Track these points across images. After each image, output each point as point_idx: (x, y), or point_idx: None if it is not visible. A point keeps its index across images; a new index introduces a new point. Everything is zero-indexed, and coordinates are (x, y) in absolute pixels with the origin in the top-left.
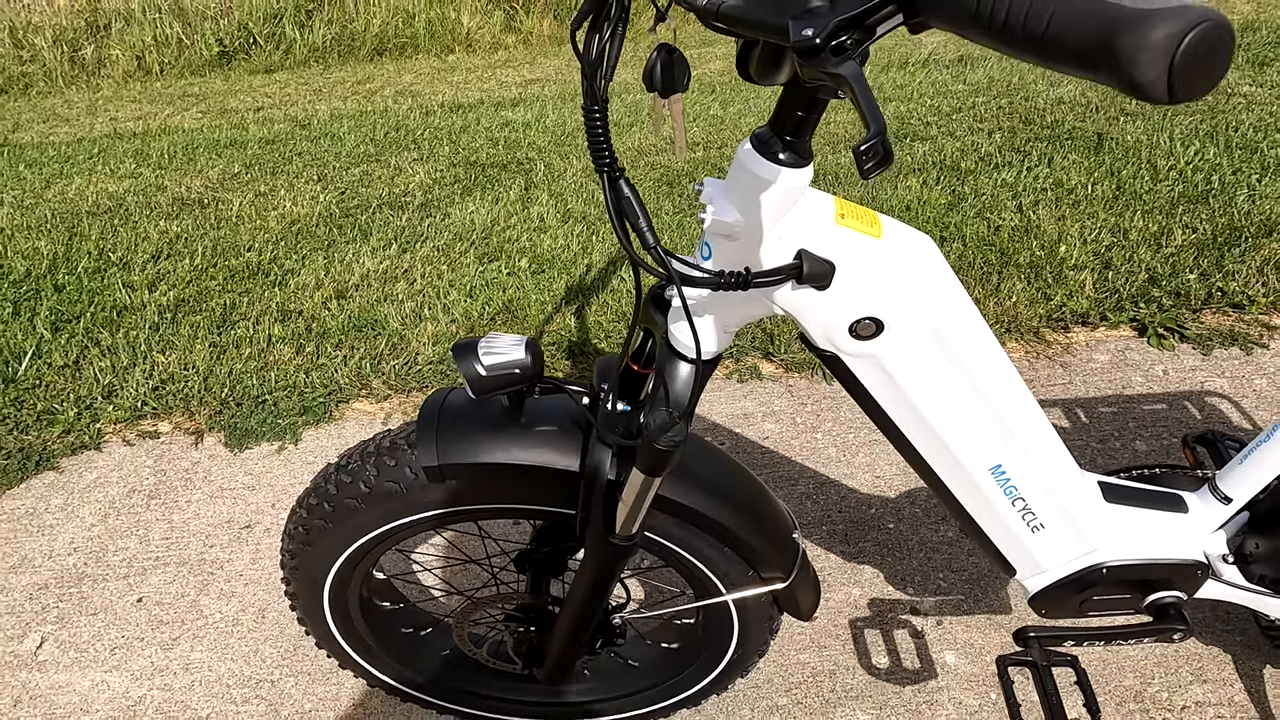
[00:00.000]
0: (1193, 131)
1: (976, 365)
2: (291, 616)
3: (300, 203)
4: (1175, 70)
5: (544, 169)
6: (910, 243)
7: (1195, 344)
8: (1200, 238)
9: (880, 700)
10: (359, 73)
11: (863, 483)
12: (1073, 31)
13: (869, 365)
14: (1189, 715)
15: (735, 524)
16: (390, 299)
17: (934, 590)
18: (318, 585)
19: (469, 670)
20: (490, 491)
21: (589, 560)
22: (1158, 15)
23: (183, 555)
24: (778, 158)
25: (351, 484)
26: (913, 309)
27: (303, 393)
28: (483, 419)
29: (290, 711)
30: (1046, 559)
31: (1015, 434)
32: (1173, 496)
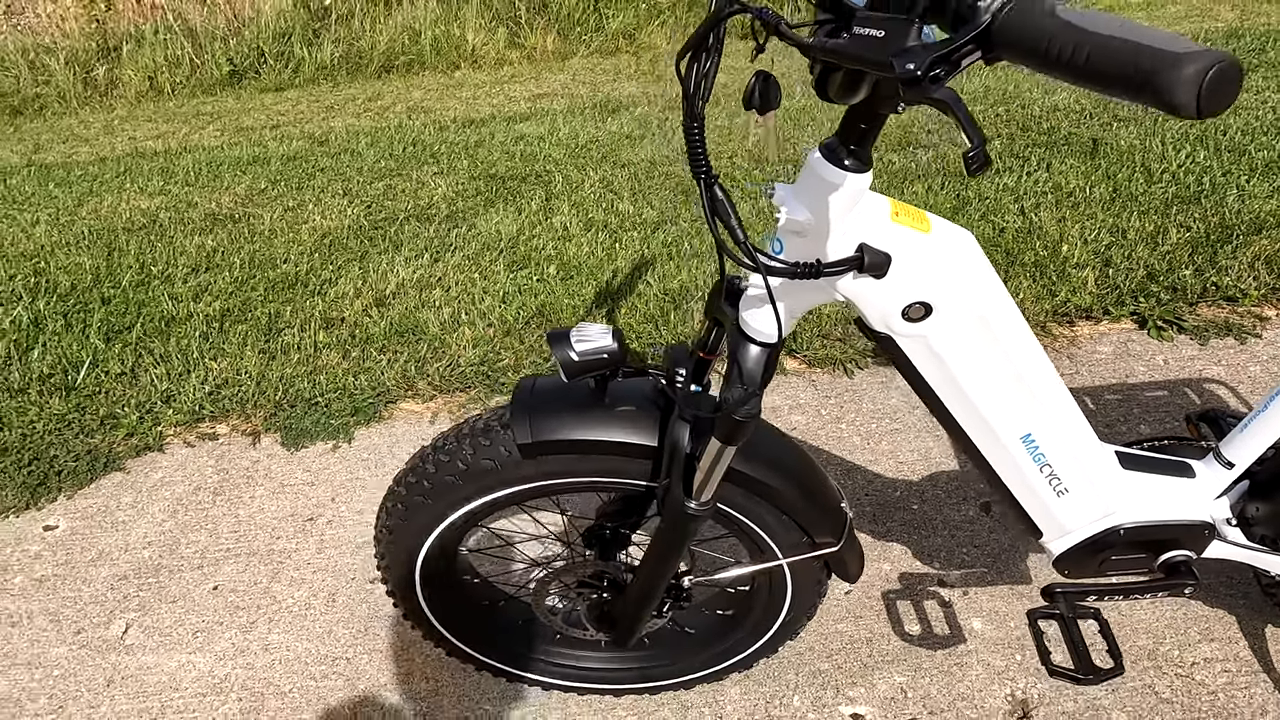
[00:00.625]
0: (1183, 136)
1: (1011, 344)
2: (361, 600)
3: (329, 216)
4: (1203, 96)
5: (562, 180)
6: (954, 237)
7: (1193, 335)
8: (1194, 236)
9: (914, 664)
10: (368, 90)
11: (887, 468)
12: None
13: (918, 345)
14: (1198, 671)
15: (793, 493)
16: (427, 305)
17: (959, 564)
18: (412, 558)
19: (539, 640)
20: (576, 466)
21: (666, 527)
22: (1187, 57)
23: (251, 547)
24: (844, 164)
25: (449, 462)
26: (957, 294)
27: (352, 394)
28: (571, 400)
29: (366, 685)
30: (1070, 521)
31: (1043, 405)
32: (1181, 464)
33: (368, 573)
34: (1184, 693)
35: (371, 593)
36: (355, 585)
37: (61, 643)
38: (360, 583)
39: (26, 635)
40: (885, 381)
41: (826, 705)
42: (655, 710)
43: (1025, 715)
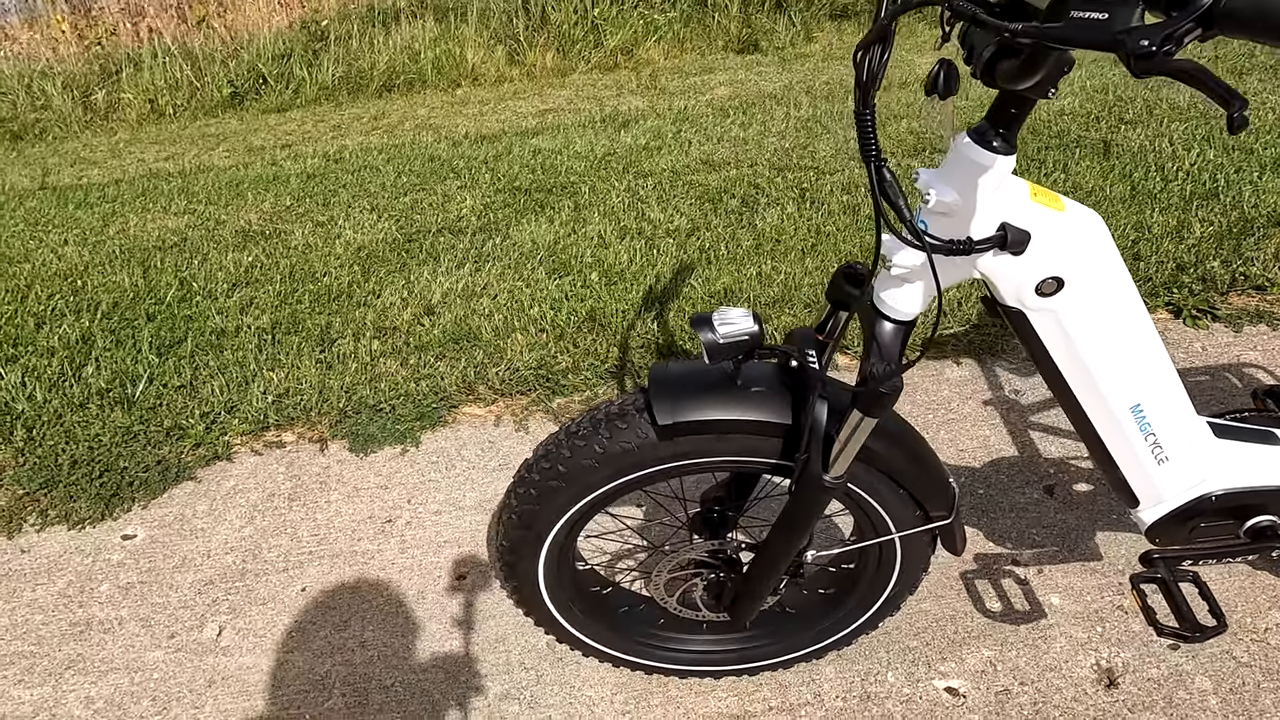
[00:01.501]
0: (1191, 136)
1: (1129, 318)
2: (450, 597)
3: (362, 231)
4: None
5: (588, 191)
6: (1086, 217)
7: (1226, 323)
8: (1217, 230)
9: (1000, 638)
10: (372, 109)
11: (949, 456)
12: None
13: (1047, 318)
14: (1271, 635)
15: (910, 466)
16: (477, 313)
17: (1029, 544)
18: (540, 542)
19: (644, 625)
20: (712, 446)
21: (798, 501)
22: None
23: (333, 549)
24: (993, 146)
25: (586, 446)
26: (1087, 270)
27: (415, 400)
28: (706, 382)
29: (467, 676)
30: (1166, 489)
31: (1152, 377)
32: (1267, 433)
33: (454, 570)
34: (1260, 656)
35: (459, 590)
36: (442, 583)
37: (156, 647)
38: (447, 580)
39: (121, 641)
40: (935, 374)
41: (920, 680)
42: (754, 691)
43: (1112, 682)
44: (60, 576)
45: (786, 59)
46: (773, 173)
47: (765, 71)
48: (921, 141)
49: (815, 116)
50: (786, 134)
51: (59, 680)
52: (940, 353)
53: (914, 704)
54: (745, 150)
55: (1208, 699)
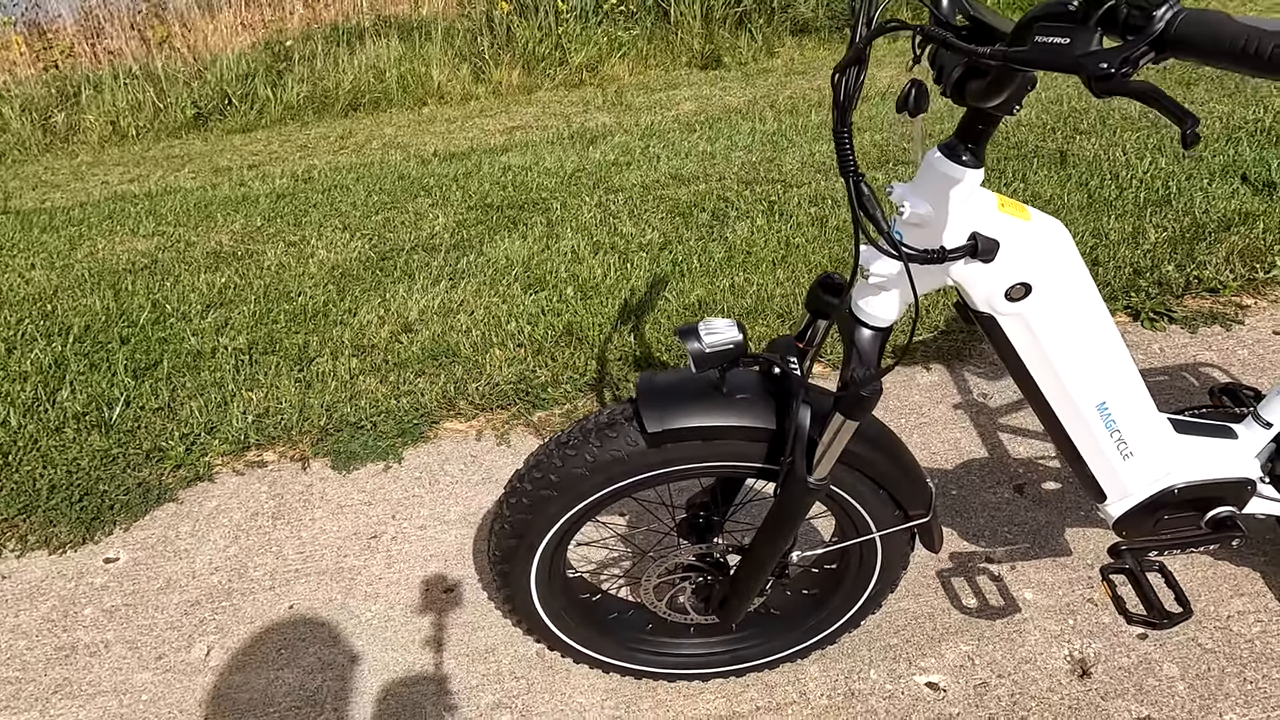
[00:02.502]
0: (1143, 145)
1: (1093, 321)
2: (439, 609)
3: (335, 249)
4: None
5: (560, 207)
6: (1051, 226)
7: (1183, 324)
8: (1171, 235)
9: (977, 633)
10: (338, 128)
11: (922, 459)
12: None
13: (1017, 322)
14: (1234, 622)
15: (888, 467)
16: (455, 330)
17: (1002, 541)
18: (532, 551)
19: (632, 630)
20: (699, 452)
21: (783, 503)
22: None
23: (320, 566)
24: (962, 160)
25: (577, 456)
26: (1052, 275)
27: (396, 416)
28: (693, 390)
29: (459, 686)
30: (1132, 483)
31: (1116, 376)
32: (1225, 427)
33: (442, 583)
34: (1224, 643)
35: (448, 602)
36: (431, 596)
37: (144, 668)
38: (436, 593)
39: (108, 664)
40: (907, 380)
41: (901, 676)
42: (741, 692)
43: (1085, 672)
44: (43, 601)
45: (750, 74)
46: (741, 186)
47: (729, 87)
48: (885, 154)
49: (780, 130)
50: (753, 148)
51: (46, 705)
52: (911, 359)
53: (896, 700)
54: (713, 164)
55: (1175, 685)
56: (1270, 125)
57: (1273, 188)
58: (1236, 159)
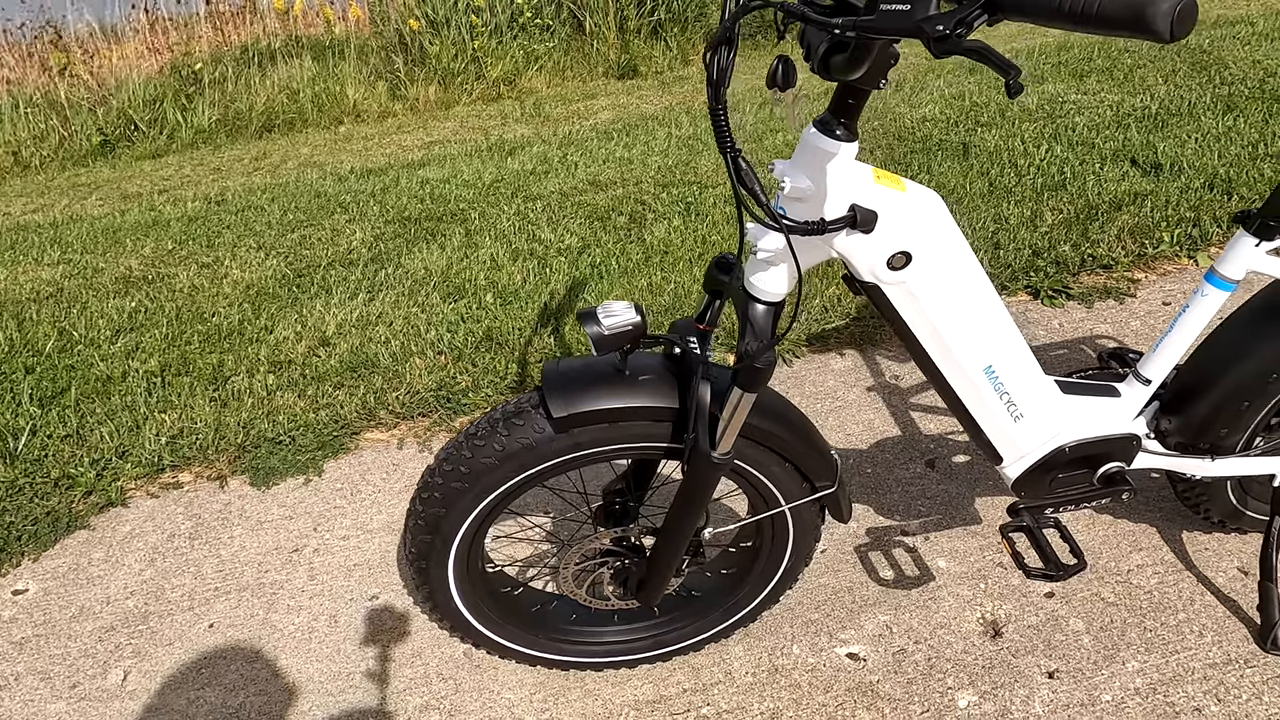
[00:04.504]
0: (1040, 135)
1: (973, 287)
2: (364, 617)
3: (249, 269)
4: (1175, 24)
5: (478, 217)
6: (926, 196)
7: (1079, 300)
8: (1066, 217)
9: (894, 604)
10: (253, 149)
11: (837, 441)
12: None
13: (901, 290)
14: (1134, 576)
15: (792, 440)
16: (374, 341)
17: (916, 514)
18: (448, 545)
19: (557, 621)
20: (606, 435)
21: (691, 481)
22: None
23: (241, 583)
24: (836, 135)
25: (485, 446)
26: (931, 243)
27: (316, 430)
28: (596, 374)
29: (385, 692)
30: (1025, 444)
31: (1000, 341)
32: (1108, 386)
33: (365, 591)
34: (1125, 595)
35: (373, 610)
36: (355, 605)
37: (58, 699)
38: (360, 601)
39: (19, 696)
40: (821, 366)
41: (823, 649)
42: (668, 676)
43: (997, 633)
44: None
45: (666, 82)
46: (658, 189)
47: (646, 95)
48: None
49: (695, 134)
50: (669, 152)
51: None
52: (825, 346)
53: (819, 672)
54: (630, 170)
55: (1081, 638)
56: (1156, 111)
57: (1159, 169)
58: (1126, 144)
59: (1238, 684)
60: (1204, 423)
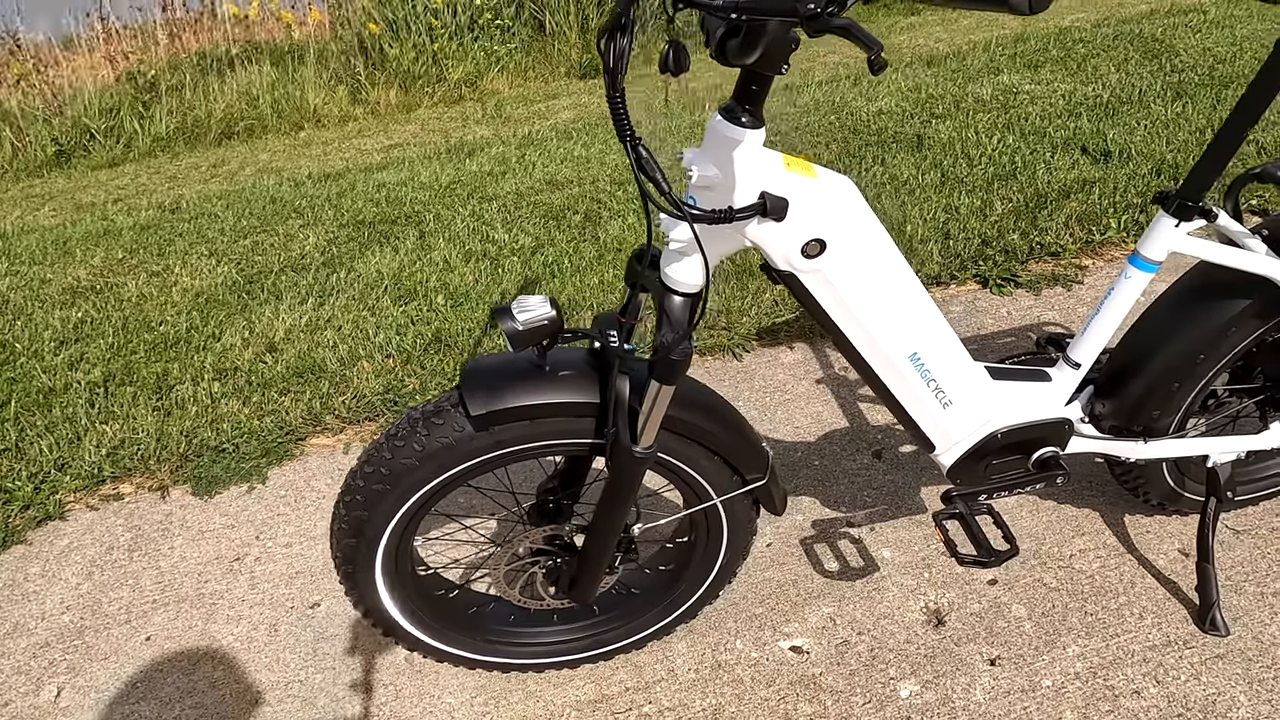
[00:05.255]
0: (993, 125)
1: (892, 274)
2: (304, 625)
3: (199, 276)
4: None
5: (433, 219)
6: (838, 182)
7: (1028, 288)
8: (1016, 206)
9: (839, 595)
10: (211, 157)
11: (786, 433)
12: None
13: (817, 279)
14: (1076, 560)
15: (720, 433)
16: (322, 345)
17: (862, 506)
18: (373, 549)
19: (495, 623)
20: (527, 432)
21: (614, 475)
22: None
23: (180, 594)
24: (741, 122)
25: (405, 447)
26: (844, 230)
27: (260, 437)
28: (516, 370)
29: (324, 701)
30: (956, 431)
31: (924, 328)
32: (1039, 371)
33: (306, 599)
34: (1067, 580)
35: (313, 616)
36: (296, 613)
37: None
38: (300, 609)
39: None
40: (771, 360)
41: (767, 643)
42: (610, 675)
43: (940, 621)
44: None
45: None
46: (614, 187)
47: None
48: None
49: (652, 132)
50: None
51: None
52: (775, 339)
53: (761, 666)
54: (588, 169)
55: (1023, 624)
56: (1108, 100)
57: (1109, 156)
58: (1077, 132)
59: (1176, 665)
60: (1136, 405)
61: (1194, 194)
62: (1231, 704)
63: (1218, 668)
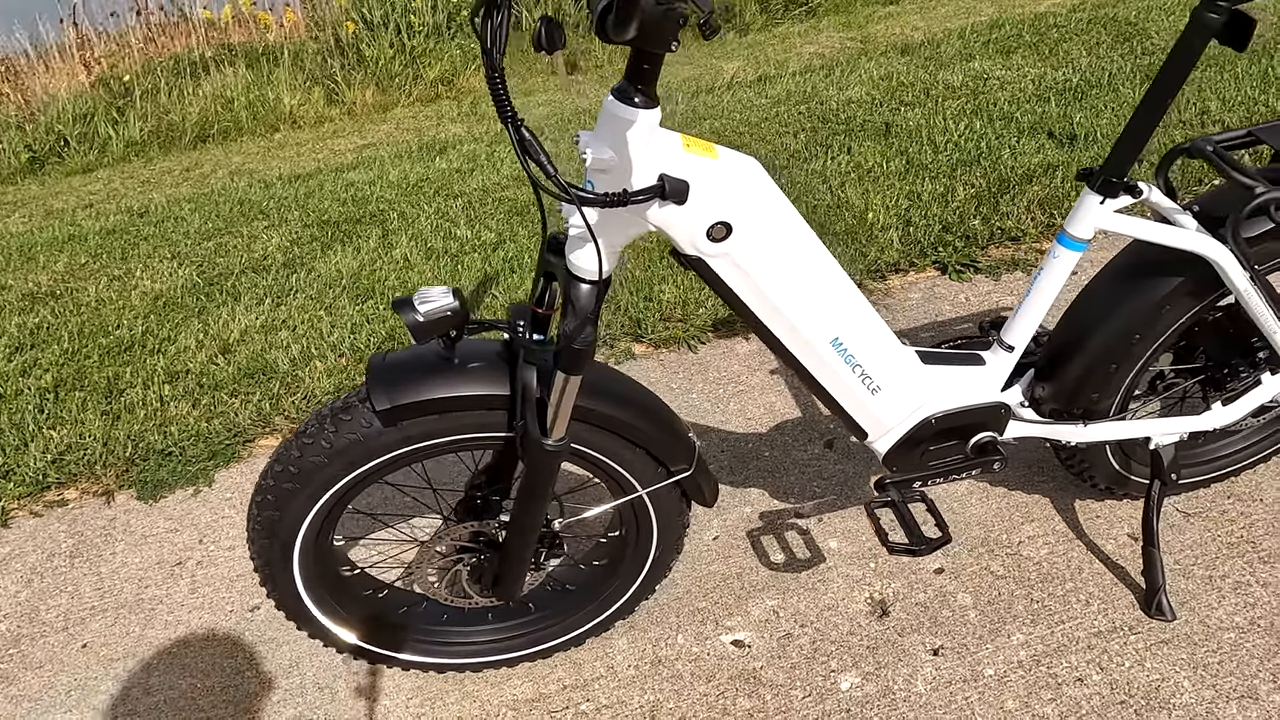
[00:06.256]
0: (961, 112)
1: (805, 256)
2: (243, 629)
3: (160, 280)
4: None
5: (398, 217)
6: (741, 162)
7: (987, 273)
8: (978, 191)
9: (783, 587)
10: (185, 161)
11: (738, 425)
12: None
13: (725, 263)
14: (1024, 547)
15: (641, 424)
16: (275, 346)
17: (811, 496)
18: (288, 551)
19: (428, 623)
20: (437, 426)
21: (528, 469)
22: None
23: (119, 600)
24: (634, 102)
25: (314, 444)
26: (751, 212)
27: (208, 439)
28: (423, 363)
29: (259, 707)
30: (888, 417)
31: (844, 311)
32: (972, 355)
33: (246, 602)
34: (1015, 567)
35: (252, 620)
36: (235, 616)
37: None
38: (240, 613)
39: None
40: (726, 351)
41: (708, 637)
42: (549, 673)
43: (884, 612)
44: None
45: (605, 76)
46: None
47: (583, 89)
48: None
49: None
50: None
51: None
52: (731, 330)
53: (702, 661)
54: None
55: (968, 613)
56: (1077, 84)
57: (1074, 140)
58: (1044, 117)
59: (1121, 652)
60: (1074, 388)
61: (1118, 170)
62: (1175, 689)
63: (1162, 653)
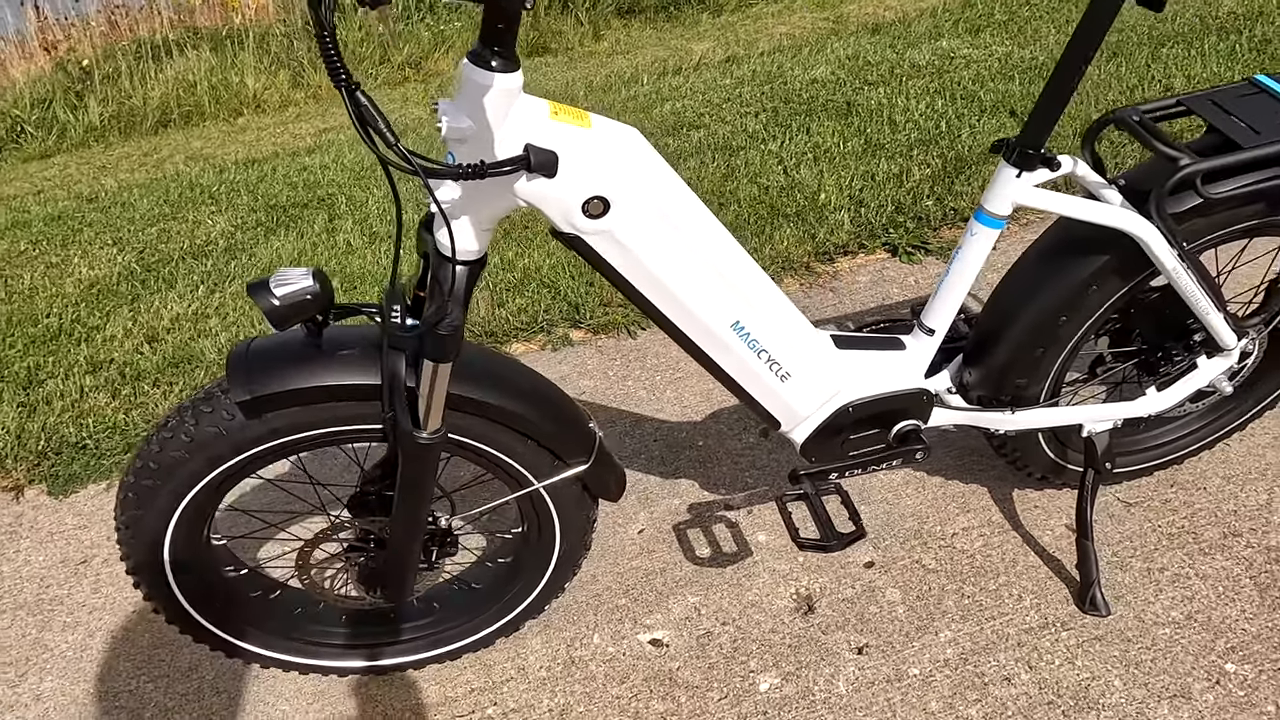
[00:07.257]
0: (924, 91)
1: (696, 234)
2: (143, 630)
3: (97, 266)
4: None
5: (345, 201)
6: (618, 131)
7: (938, 255)
8: (934, 171)
9: (706, 583)
10: (144, 146)
11: (672, 413)
12: None
13: (605, 240)
14: (958, 540)
15: (531, 415)
16: (204, 334)
17: (743, 487)
18: (157, 551)
19: (326, 625)
20: (304, 418)
21: (405, 465)
22: None
23: (18, 600)
24: (492, 66)
25: (173, 438)
26: (630, 186)
27: (124, 431)
28: (288, 351)
29: (153, 712)
30: (801, 406)
31: (743, 293)
32: (892, 339)
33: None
34: (947, 561)
35: (154, 622)
36: (135, 617)
37: None
38: (142, 613)
39: None
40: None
41: (625, 637)
42: (457, 675)
43: (810, 608)
44: None
45: (575, 58)
46: None
47: (550, 72)
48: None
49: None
50: None
51: None
52: None
53: (617, 662)
54: None
55: (896, 609)
56: (1043, 61)
57: None
58: (1007, 95)
59: (1051, 649)
60: (1001, 373)
61: (1033, 141)
62: (1106, 689)
63: (1094, 650)
